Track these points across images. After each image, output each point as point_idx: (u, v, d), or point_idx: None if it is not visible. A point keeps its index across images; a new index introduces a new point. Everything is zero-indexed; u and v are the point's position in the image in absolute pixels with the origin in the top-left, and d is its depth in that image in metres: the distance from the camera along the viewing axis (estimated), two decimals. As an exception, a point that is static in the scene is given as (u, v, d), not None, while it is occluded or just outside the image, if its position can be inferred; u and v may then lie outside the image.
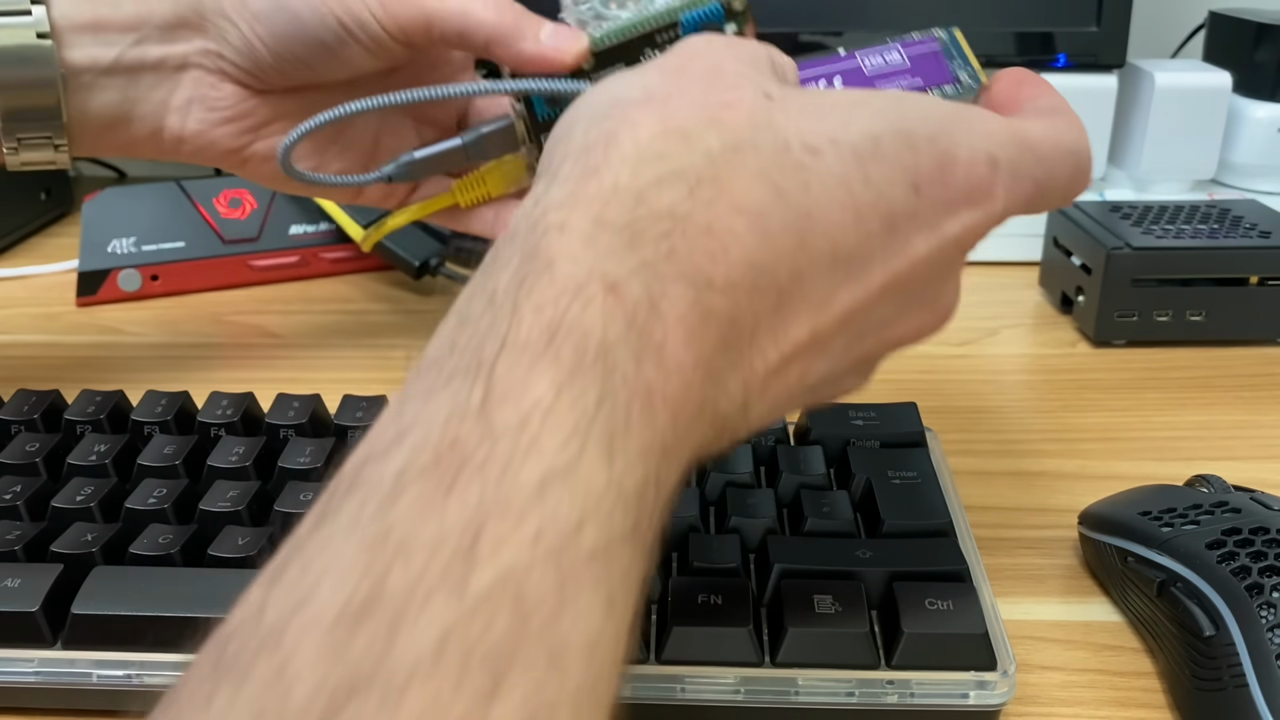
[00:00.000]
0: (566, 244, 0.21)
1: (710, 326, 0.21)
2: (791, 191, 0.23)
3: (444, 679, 0.15)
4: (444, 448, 0.18)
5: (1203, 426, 0.47)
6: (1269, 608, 0.30)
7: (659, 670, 0.30)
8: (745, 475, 0.36)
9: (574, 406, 0.18)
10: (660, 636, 0.30)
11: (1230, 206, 0.58)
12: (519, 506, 0.17)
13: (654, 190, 0.22)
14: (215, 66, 0.41)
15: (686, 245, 0.21)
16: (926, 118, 0.25)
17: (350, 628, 0.16)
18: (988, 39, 0.65)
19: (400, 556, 0.16)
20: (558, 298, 0.20)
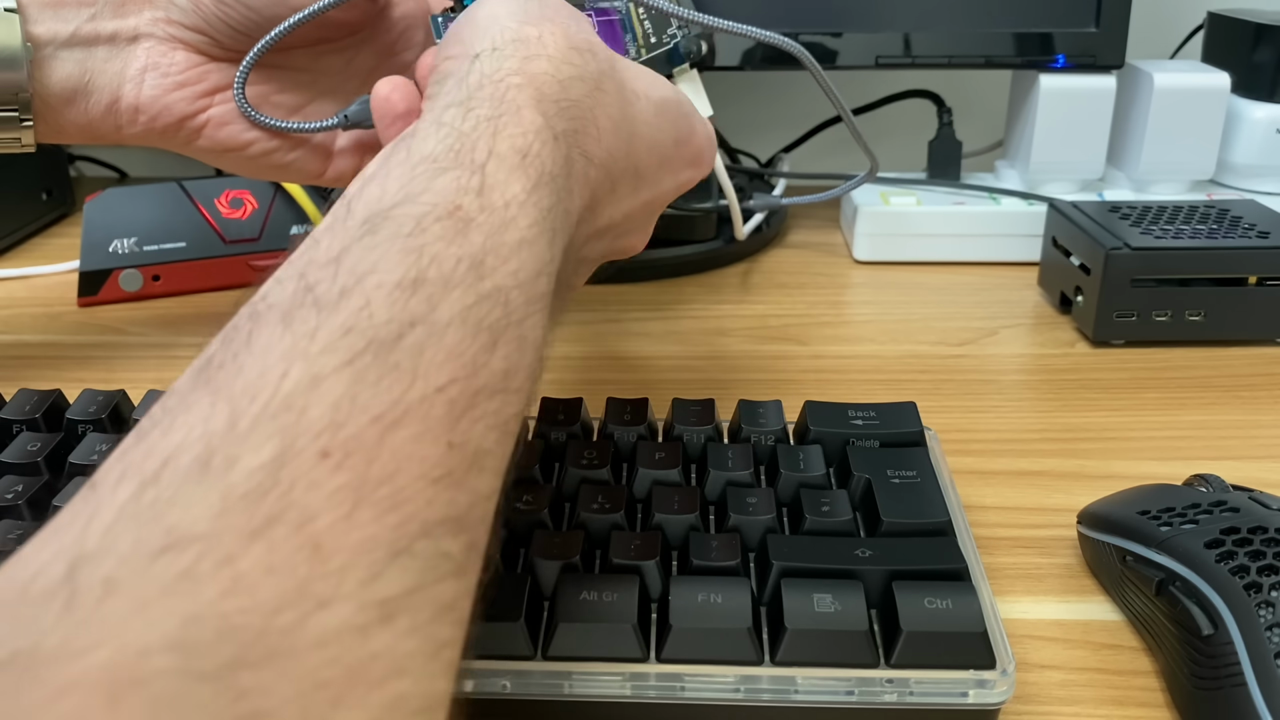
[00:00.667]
0: (526, 99, 0.29)
1: (588, 188, 0.31)
2: (626, 117, 0.33)
3: (466, 334, 0.23)
4: (454, 209, 0.25)
5: (1201, 426, 0.47)
6: (1267, 606, 0.30)
7: (659, 669, 0.30)
8: (745, 475, 0.36)
9: (537, 205, 0.27)
10: (660, 636, 0.30)
11: (1229, 207, 0.58)
12: (506, 252, 0.25)
13: (571, 84, 0.30)
14: (166, 34, 0.43)
15: (585, 126, 0.31)
16: (683, 99, 0.37)
17: (406, 292, 0.23)
18: (988, 39, 0.65)
19: (434, 263, 0.24)
20: (525, 133, 0.28)
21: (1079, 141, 0.66)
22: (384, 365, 0.21)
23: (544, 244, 0.26)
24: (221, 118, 0.44)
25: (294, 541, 0.19)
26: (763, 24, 0.67)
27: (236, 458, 0.19)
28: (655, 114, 0.34)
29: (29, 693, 0.16)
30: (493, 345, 0.23)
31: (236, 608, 0.17)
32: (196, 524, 0.18)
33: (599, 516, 0.34)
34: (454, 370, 0.22)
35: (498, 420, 0.23)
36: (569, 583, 0.31)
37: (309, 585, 0.18)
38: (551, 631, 0.30)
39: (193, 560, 0.18)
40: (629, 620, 0.30)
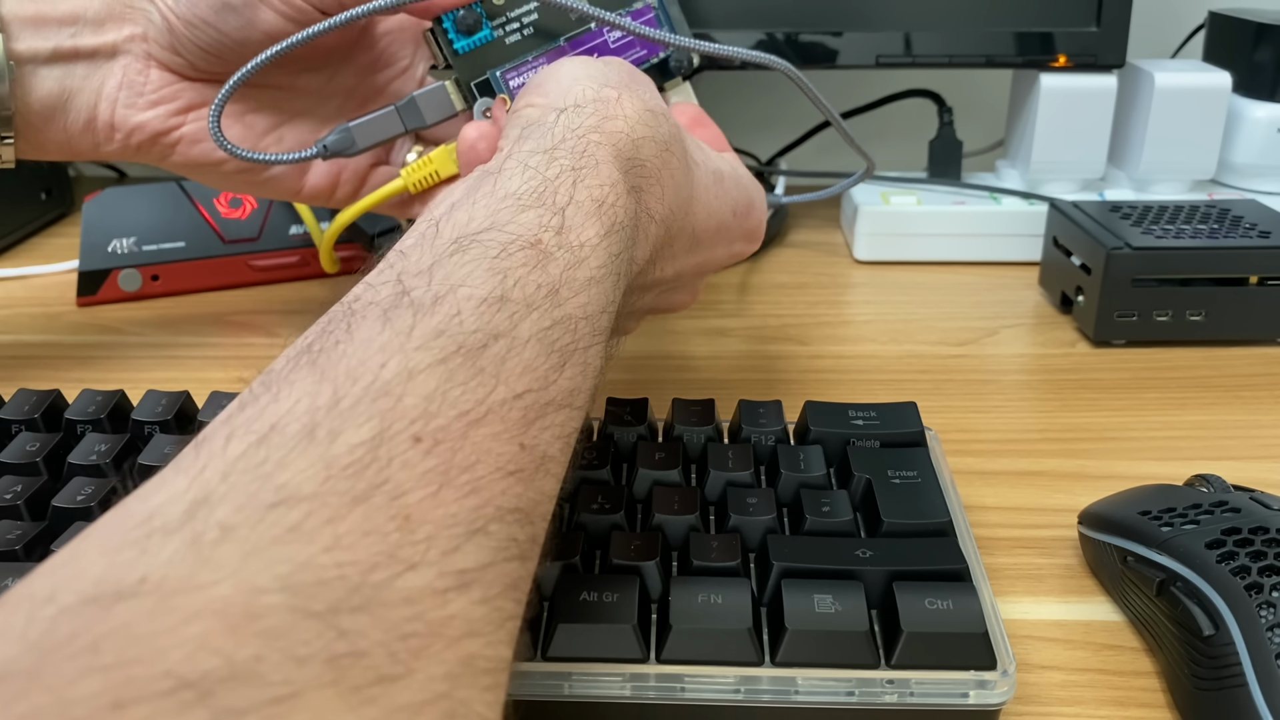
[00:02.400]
0: (605, 155, 0.31)
1: (649, 242, 0.33)
2: (688, 181, 0.36)
3: (541, 351, 0.26)
4: (535, 241, 0.28)
5: (1202, 426, 0.47)
6: (1268, 607, 0.30)
7: (659, 670, 0.30)
8: (745, 475, 0.36)
9: (607, 250, 0.29)
10: (660, 636, 0.30)
11: (1230, 206, 0.58)
12: (578, 287, 0.28)
13: (643, 144, 0.33)
14: (143, 52, 0.43)
15: (651, 185, 0.33)
16: (745, 175, 0.40)
17: (493, 307, 0.26)
18: (988, 39, 0.65)
19: (517, 286, 0.26)
20: (603, 185, 0.30)
21: (1080, 141, 0.66)
22: (471, 368, 0.24)
23: (610, 284, 0.29)
24: (195, 135, 0.45)
25: (388, 511, 0.21)
26: (764, 24, 0.68)
27: (339, 432, 0.22)
28: (714, 182, 0.37)
29: (162, 617, 0.18)
30: (561, 365, 0.26)
31: (337, 561, 0.20)
32: (304, 486, 0.21)
33: (599, 516, 0.34)
34: (529, 381, 0.25)
35: (562, 431, 0.26)
36: (569, 583, 0.31)
37: (399, 550, 0.21)
38: (551, 631, 0.30)
39: (301, 517, 0.20)
40: (629, 621, 0.30)
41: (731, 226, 0.39)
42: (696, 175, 0.36)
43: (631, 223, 0.31)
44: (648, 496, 0.35)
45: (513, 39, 0.41)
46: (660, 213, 0.34)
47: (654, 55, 0.43)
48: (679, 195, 0.35)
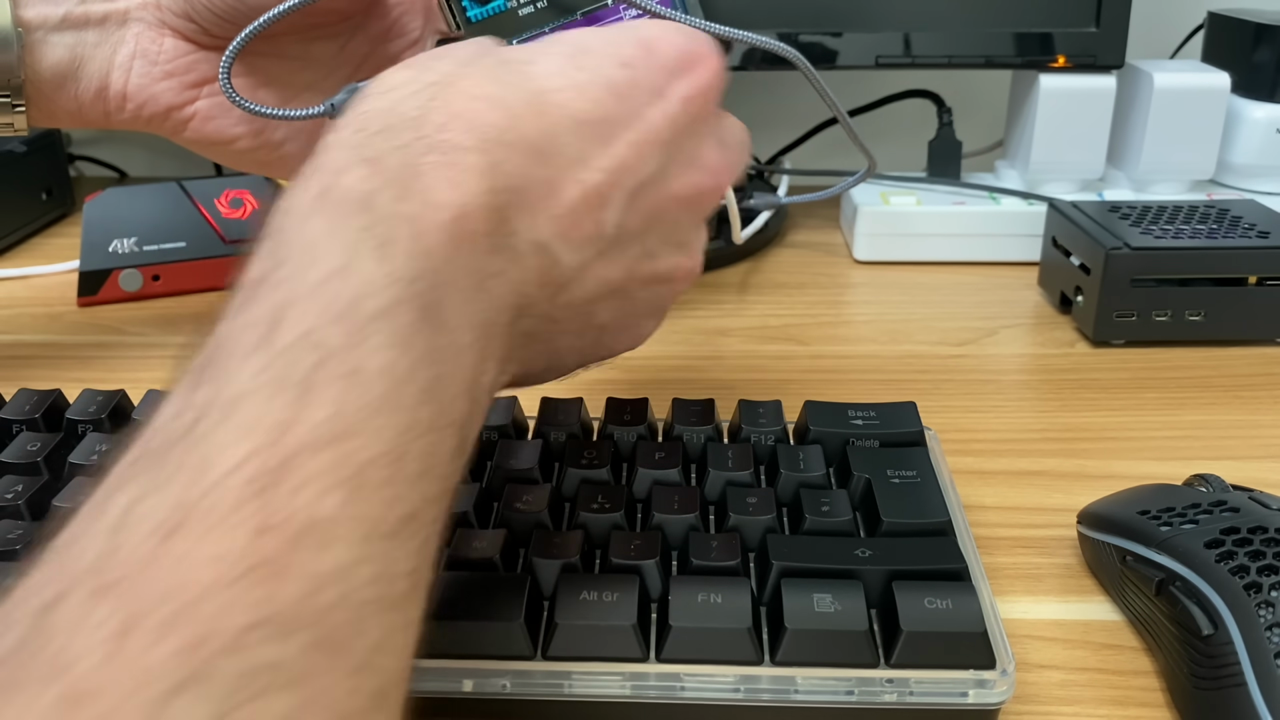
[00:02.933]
0: (334, 142, 0.27)
1: (471, 176, 0.26)
2: (517, 82, 0.28)
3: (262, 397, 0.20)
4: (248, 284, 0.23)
5: (1201, 426, 0.47)
6: (1267, 606, 0.30)
7: (659, 669, 0.30)
8: (745, 475, 0.36)
9: (344, 234, 0.24)
10: (660, 636, 0.30)
11: (1229, 207, 0.58)
12: (308, 293, 0.22)
13: (401, 102, 0.27)
14: (156, 19, 0.43)
15: (433, 127, 0.26)
16: (619, 26, 0.32)
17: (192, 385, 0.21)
18: (987, 39, 0.65)
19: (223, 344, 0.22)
20: (323, 176, 0.25)
21: (1079, 141, 0.66)
22: (164, 468, 0.19)
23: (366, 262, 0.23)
24: (208, 111, 0.44)
25: (49, 694, 0.16)
26: (763, 24, 0.68)
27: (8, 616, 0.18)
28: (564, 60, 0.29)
29: None
30: (305, 395, 0.20)
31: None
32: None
33: (599, 516, 0.34)
34: (251, 443, 0.19)
35: (337, 476, 0.20)
36: (569, 583, 0.31)
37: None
38: (551, 631, 0.30)
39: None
40: (629, 620, 0.30)
41: (638, 81, 0.30)
42: (534, 67, 0.29)
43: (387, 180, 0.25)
44: (648, 496, 0.36)
45: (526, 10, 0.41)
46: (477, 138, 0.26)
47: None
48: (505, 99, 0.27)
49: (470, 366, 0.25)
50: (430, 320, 0.24)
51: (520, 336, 0.29)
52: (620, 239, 0.30)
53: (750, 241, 0.66)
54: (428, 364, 0.23)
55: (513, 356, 0.29)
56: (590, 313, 0.31)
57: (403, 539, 0.21)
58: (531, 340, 0.30)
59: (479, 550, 0.32)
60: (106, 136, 0.89)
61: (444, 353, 0.24)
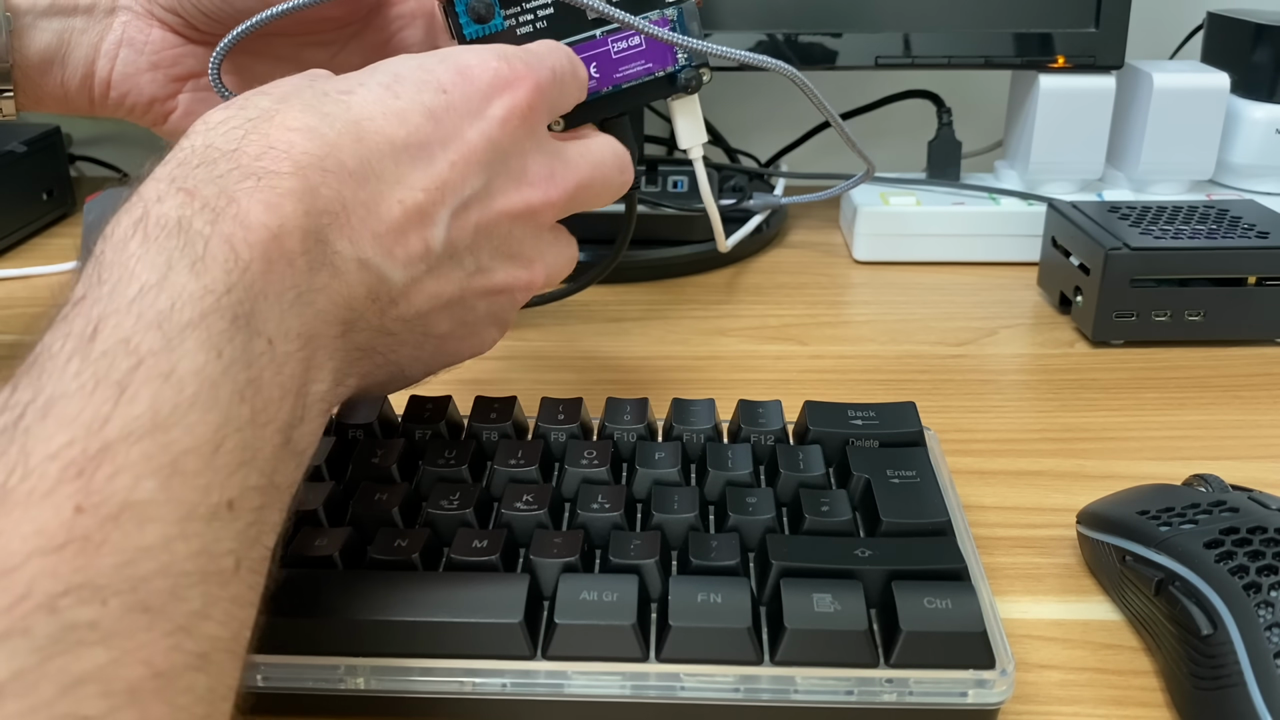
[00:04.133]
0: (153, 175, 0.28)
1: (288, 200, 0.27)
2: (335, 112, 0.30)
3: (80, 395, 0.22)
4: (74, 295, 0.25)
5: (1201, 426, 0.47)
6: (1266, 606, 0.30)
7: (659, 669, 0.30)
8: (745, 475, 0.36)
9: (159, 253, 0.25)
10: (660, 636, 0.30)
11: (1228, 207, 0.58)
12: (124, 306, 0.24)
13: (219, 137, 0.28)
14: (144, 9, 0.43)
15: (250, 157, 0.28)
16: (435, 55, 0.33)
17: (10, 390, 0.23)
18: (987, 40, 0.65)
19: (44, 353, 0.24)
20: (143, 204, 0.26)
21: (1078, 142, 0.66)
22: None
23: (180, 275, 0.25)
24: (190, 106, 0.44)
25: None
26: (765, 24, 0.68)
27: None
28: (381, 89, 0.31)
29: None
30: (121, 392, 0.22)
31: None
32: None
33: (599, 516, 0.34)
34: (68, 434, 0.21)
35: (153, 464, 0.22)
36: (569, 583, 0.31)
37: None
38: (551, 631, 0.30)
39: None
40: (629, 620, 0.30)
41: (451, 105, 0.32)
42: (354, 97, 0.31)
43: (198, 209, 0.26)
44: (648, 496, 0.36)
45: (524, 30, 0.41)
46: (292, 165, 0.28)
47: (661, 69, 0.42)
48: (321, 129, 0.29)
49: (294, 374, 0.27)
50: (243, 328, 0.25)
51: (355, 350, 0.31)
52: (450, 254, 0.32)
53: (750, 242, 0.66)
54: (242, 367, 0.25)
55: (350, 369, 0.31)
56: (426, 326, 0.33)
57: (224, 522, 0.23)
58: (369, 354, 0.32)
59: (477, 550, 0.32)
60: (107, 137, 0.89)
61: (260, 359, 0.25)
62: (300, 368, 0.27)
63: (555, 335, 0.57)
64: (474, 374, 0.48)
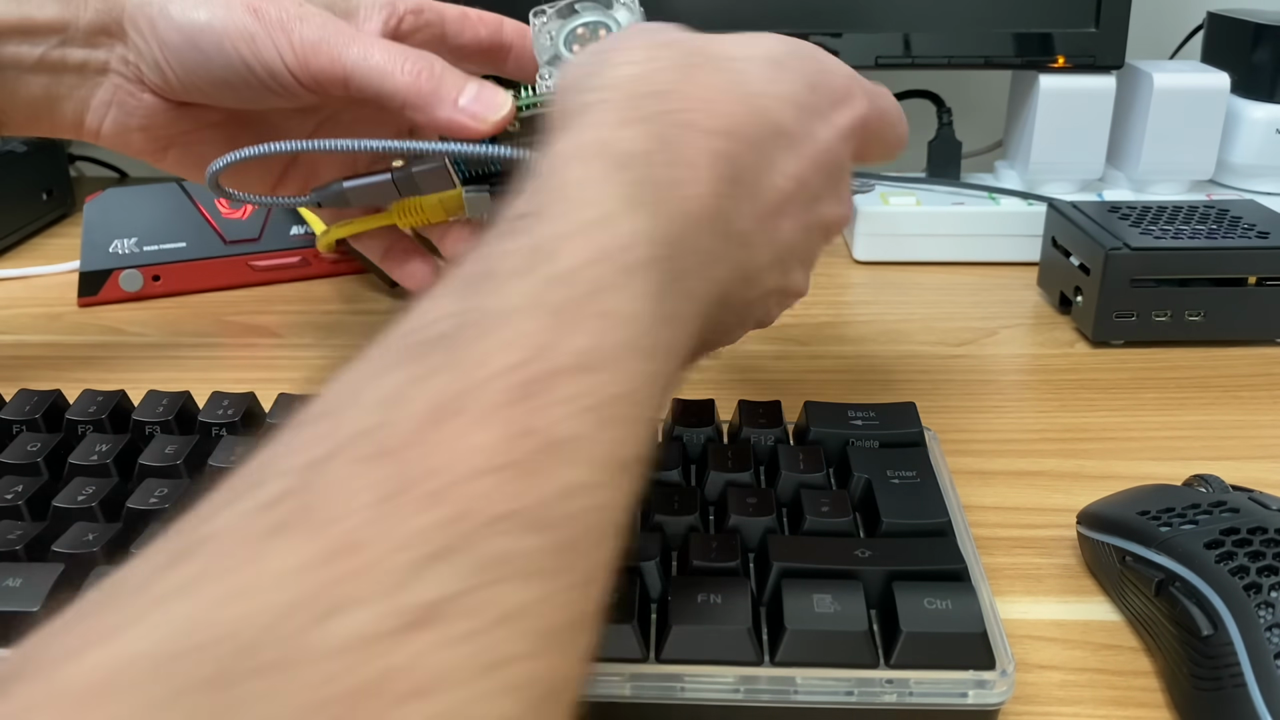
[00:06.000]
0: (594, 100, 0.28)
1: (714, 161, 0.28)
2: (735, 80, 0.31)
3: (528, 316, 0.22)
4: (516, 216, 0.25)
5: (1201, 426, 0.47)
6: (1267, 607, 0.30)
7: (659, 669, 0.30)
8: (745, 475, 0.36)
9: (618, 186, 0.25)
10: (660, 636, 0.30)
11: (1228, 207, 0.58)
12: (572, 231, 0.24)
13: (656, 74, 0.29)
14: (134, 75, 0.42)
15: (683, 106, 0.29)
16: (795, 44, 0.34)
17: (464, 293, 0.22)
18: (987, 40, 0.65)
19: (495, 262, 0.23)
20: (592, 126, 0.27)
21: (1078, 141, 0.66)
22: (436, 358, 0.21)
23: (623, 215, 0.25)
24: (179, 160, 0.44)
25: (319, 541, 0.17)
26: (765, 24, 0.67)
27: (277, 468, 0.19)
28: (767, 66, 0.32)
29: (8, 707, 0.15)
30: (565, 323, 0.22)
31: (238, 613, 0.16)
32: (216, 527, 0.18)
33: (599, 517, 0.34)
34: (517, 354, 0.21)
35: (586, 403, 0.21)
36: (569, 583, 0.31)
37: (329, 588, 0.17)
38: (551, 632, 0.30)
39: (204, 564, 0.17)
40: (629, 620, 0.30)
41: (813, 103, 0.33)
42: (741, 69, 0.31)
43: (648, 145, 0.27)
44: (648, 497, 0.36)
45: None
46: (717, 124, 0.29)
47: None
48: (732, 99, 0.30)
49: (685, 340, 0.27)
50: (674, 284, 0.25)
51: (710, 321, 0.30)
52: (787, 246, 0.33)
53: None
54: (663, 325, 0.24)
55: (701, 340, 0.30)
56: (747, 310, 0.34)
57: (630, 477, 0.22)
58: (714, 327, 0.31)
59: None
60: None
61: (673, 320, 0.25)
62: (688, 334, 0.27)
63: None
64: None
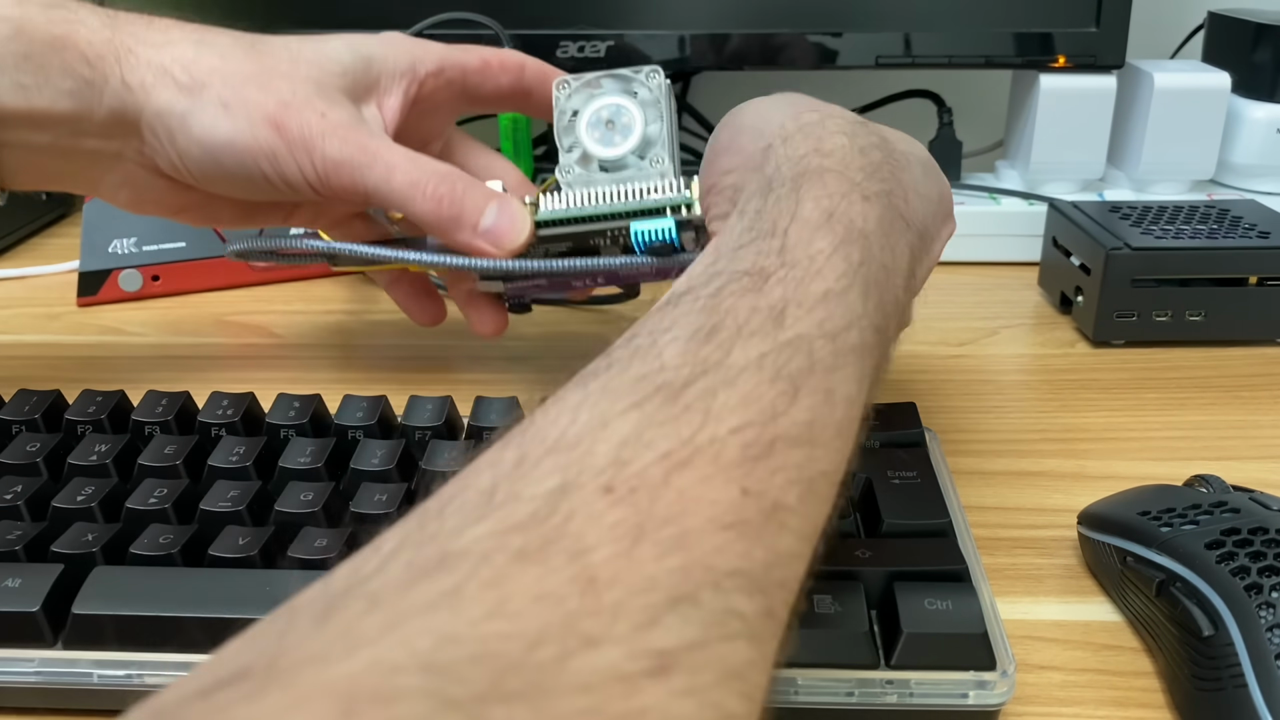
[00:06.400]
0: (831, 165, 0.29)
1: (910, 253, 0.30)
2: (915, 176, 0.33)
3: (763, 379, 0.22)
4: (754, 271, 0.25)
5: (1202, 426, 0.47)
6: (1268, 608, 0.30)
7: (659, 670, 0.30)
8: (745, 475, 0.36)
9: (845, 259, 0.26)
10: (660, 636, 0.30)
11: (1229, 207, 0.58)
12: (810, 303, 0.24)
13: (869, 151, 0.30)
14: (149, 165, 0.41)
15: (894, 188, 0.30)
16: (928, 155, 0.36)
17: (699, 341, 0.23)
18: (987, 39, 0.65)
19: (729, 315, 0.24)
20: (830, 195, 0.28)
21: (1079, 141, 0.66)
22: (673, 406, 0.21)
23: (855, 296, 0.25)
24: (194, 219, 0.45)
25: (567, 571, 0.17)
26: (765, 24, 0.68)
27: (518, 491, 0.19)
28: (923, 172, 0.34)
29: (265, 699, 0.15)
30: (794, 393, 0.22)
31: (497, 632, 0.16)
32: (467, 543, 0.18)
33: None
34: (749, 414, 0.21)
35: (800, 475, 0.22)
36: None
37: (577, 620, 0.17)
38: (551, 632, 0.30)
39: (459, 579, 0.17)
40: (629, 621, 0.30)
41: (940, 214, 0.35)
42: (913, 168, 0.33)
43: (878, 229, 0.28)
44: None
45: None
46: (911, 217, 0.31)
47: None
48: (918, 190, 0.32)
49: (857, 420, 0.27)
50: (874, 375, 0.27)
51: None
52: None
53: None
54: (859, 407, 0.25)
55: None
56: None
57: (812, 552, 0.23)
58: None
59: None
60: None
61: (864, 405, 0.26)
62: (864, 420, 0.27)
63: (557, 336, 0.57)
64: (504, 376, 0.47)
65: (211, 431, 0.40)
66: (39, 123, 0.39)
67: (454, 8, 0.63)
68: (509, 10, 0.64)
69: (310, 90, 0.39)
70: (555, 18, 0.66)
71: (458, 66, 0.43)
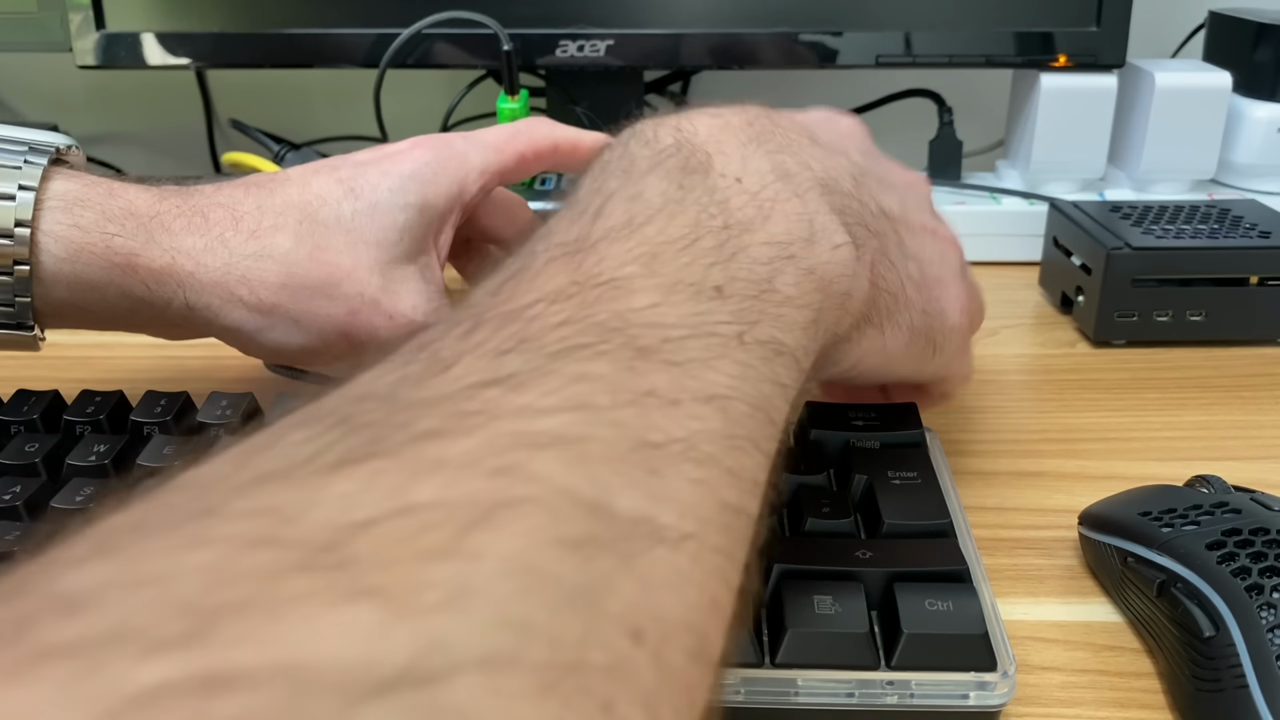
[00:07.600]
0: (828, 207, 0.30)
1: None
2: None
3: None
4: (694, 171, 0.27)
5: (1202, 427, 0.47)
6: (1269, 608, 0.30)
7: (659, 671, 0.29)
8: (745, 476, 0.36)
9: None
10: (660, 637, 0.30)
11: (1230, 206, 0.58)
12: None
13: (775, 154, 0.30)
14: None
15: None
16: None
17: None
18: (988, 39, 0.65)
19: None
20: (807, 219, 0.28)
21: (1080, 141, 0.66)
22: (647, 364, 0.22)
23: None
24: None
25: None
26: (764, 23, 0.68)
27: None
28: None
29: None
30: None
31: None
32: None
33: (598, 517, 0.34)
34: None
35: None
36: (568, 584, 0.31)
37: None
38: (551, 633, 0.30)
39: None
40: (628, 622, 0.30)
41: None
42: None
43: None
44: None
45: None
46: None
47: None
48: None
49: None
50: None
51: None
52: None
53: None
54: None
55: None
56: None
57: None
58: None
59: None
60: (107, 136, 0.89)
61: None
62: None
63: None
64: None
65: (211, 432, 0.40)
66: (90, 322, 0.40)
67: (454, 7, 0.63)
68: (509, 9, 0.64)
69: (376, 284, 0.39)
70: (554, 17, 0.66)
71: (497, 175, 0.43)
